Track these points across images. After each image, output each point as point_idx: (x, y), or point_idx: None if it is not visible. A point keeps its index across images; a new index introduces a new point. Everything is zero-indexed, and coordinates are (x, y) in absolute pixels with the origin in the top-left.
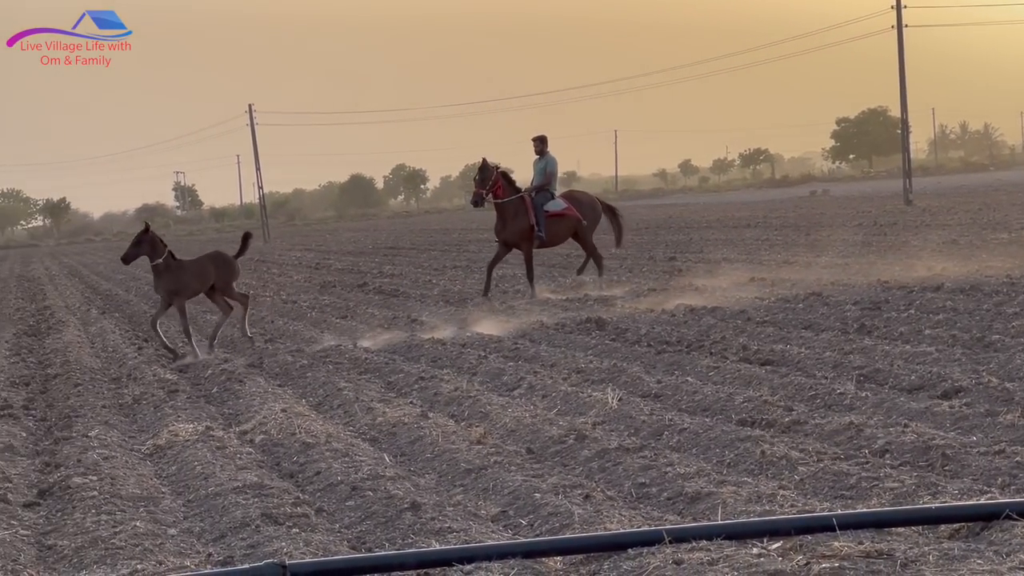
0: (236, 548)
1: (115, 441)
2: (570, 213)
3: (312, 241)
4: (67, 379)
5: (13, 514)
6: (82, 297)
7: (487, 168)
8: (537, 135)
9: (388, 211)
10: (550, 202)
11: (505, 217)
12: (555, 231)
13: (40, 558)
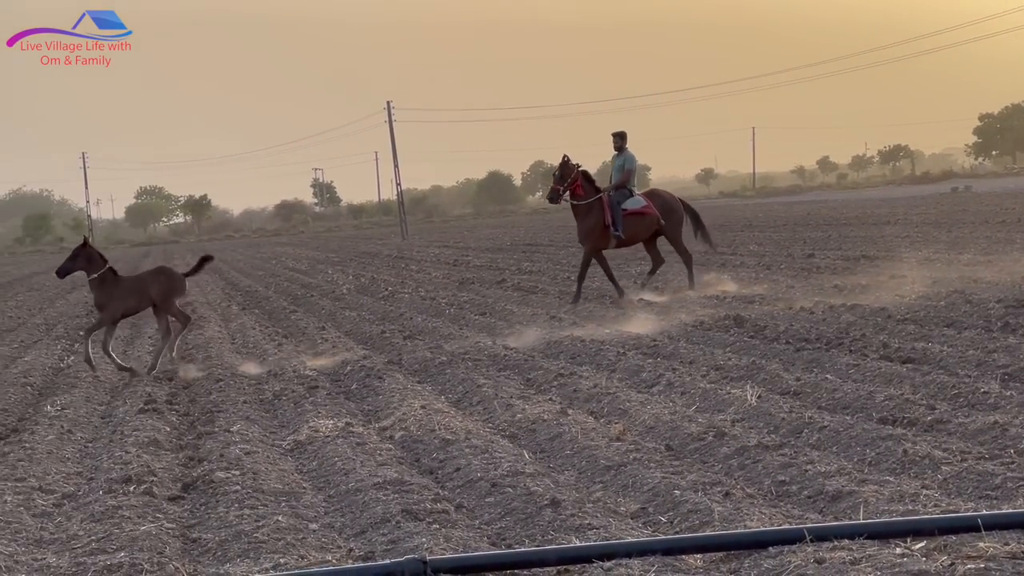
0: (377, 544)
1: (256, 436)
2: (649, 211)
3: (450, 238)
4: (209, 375)
5: (158, 507)
6: (223, 293)
7: (567, 166)
8: (616, 131)
9: (526, 208)
10: (629, 200)
11: (579, 215)
12: (633, 230)
13: (185, 551)
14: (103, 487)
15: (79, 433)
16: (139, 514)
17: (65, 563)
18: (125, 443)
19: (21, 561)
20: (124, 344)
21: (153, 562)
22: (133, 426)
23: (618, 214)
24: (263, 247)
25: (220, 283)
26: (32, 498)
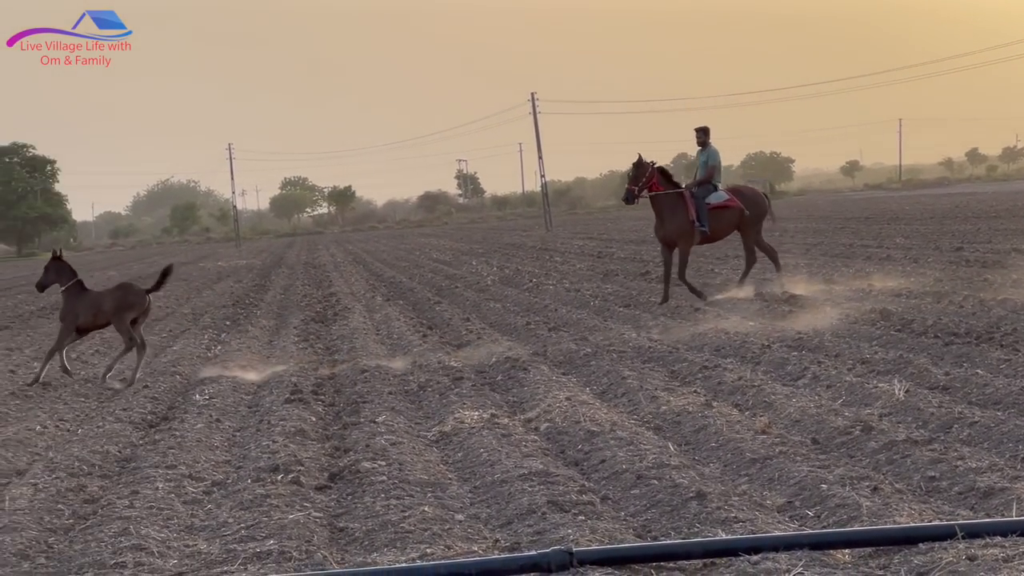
0: (523, 534)
1: (402, 427)
2: (733, 204)
3: (594, 230)
4: (354, 365)
5: (306, 496)
6: (367, 284)
7: (642, 165)
8: (699, 126)
9: None
10: (712, 194)
11: (662, 214)
12: (718, 224)
13: (332, 540)
14: (251, 475)
15: (227, 422)
16: (287, 503)
17: (216, 550)
18: (272, 432)
19: (173, 547)
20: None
21: (301, 550)
22: (280, 416)
23: (703, 209)
24: (407, 238)
25: (364, 274)
26: (183, 485)
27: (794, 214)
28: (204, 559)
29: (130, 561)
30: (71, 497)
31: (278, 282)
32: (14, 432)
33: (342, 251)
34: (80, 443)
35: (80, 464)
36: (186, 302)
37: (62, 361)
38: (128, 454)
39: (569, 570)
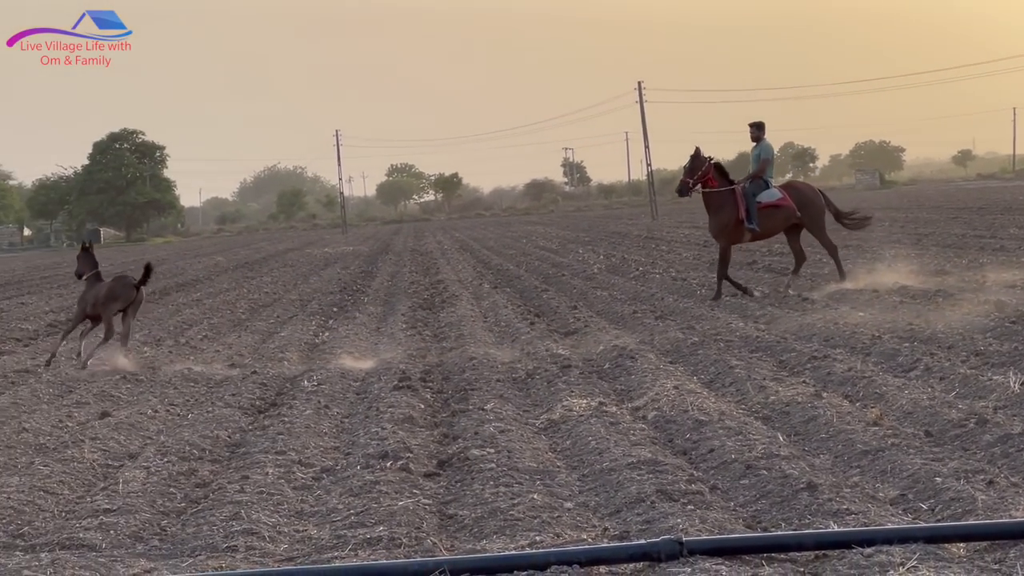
0: (632, 523)
1: (510, 415)
2: (784, 204)
3: (700, 218)
4: (462, 352)
5: (415, 483)
6: (474, 271)
7: (698, 158)
8: (753, 121)
9: None
10: (764, 192)
11: (712, 210)
12: (769, 223)
13: (441, 527)
14: (360, 462)
15: (335, 408)
16: (396, 489)
17: (326, 535)
18: (381, 419)
19: (284, 532)
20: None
21: (411, 537)
22: (388, 403)
23: (752, 207)
24: (513, 225)
25: (471, 261)
26: (292, 471)
27: (905, 204)
28: (314, 544)
29: (241, 545)
30: (183, 481)
31: (385, 269)
32: (126, 416)
33: (449, 238)
34: (191, 428)
35: (191, 448)
36: (293, 288)
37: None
38: (238, 439)
39: (679, 560)
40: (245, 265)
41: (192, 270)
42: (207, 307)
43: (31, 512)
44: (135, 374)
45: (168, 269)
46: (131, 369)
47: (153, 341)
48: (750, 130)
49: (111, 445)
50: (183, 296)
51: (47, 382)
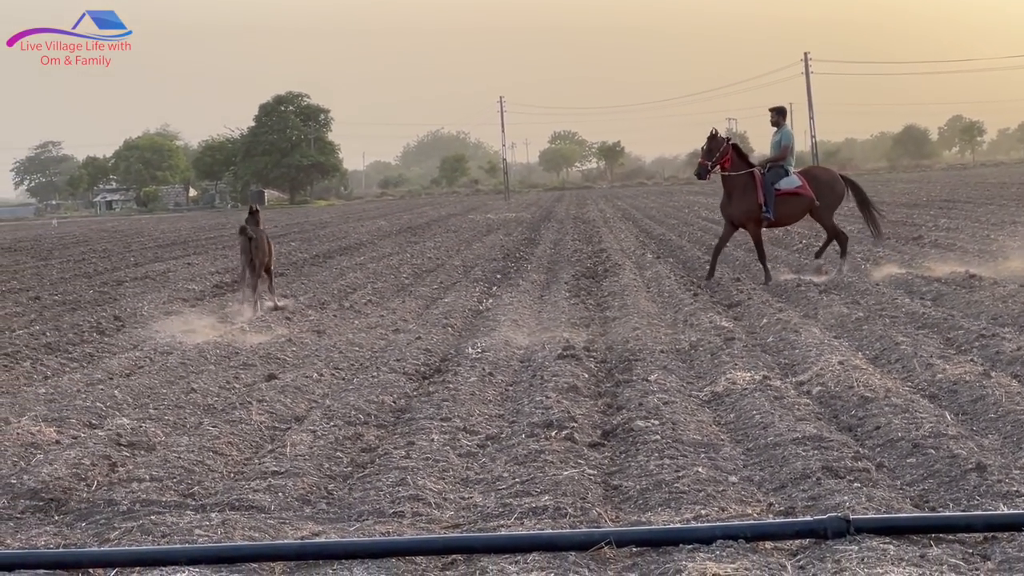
0: (797, 499)
1: (674, 386)
2: (804, 192)
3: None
4: (625, 323)
5: (580, 453)
6: (636, 241)
7: (716, 139)
8: (774, 106)
9: (942, 163)
10: (783, 179)
11: (732, 193)
12: (785, 211)
13: (606, 497)
14: (525, 431)
15: (499, 376)
16: (561, 459)
17: (491, 503)
18: (545, 388)
19: (449, 499)
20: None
21: (576, 507)
22: (552, 372)
23: (770, 194)
24: (675, 195)
25: (634, 230)
26: (457, 438)
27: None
28: (480, 512)
29: (408, 511)
30: (349, 445)
31: (547, 236)
32: (292, 379)
33: (611, 206)
34: (356, 392)
35: (356, 413)
36: (456, 254)
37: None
38: (403, 405)
39: (846, 538)
40: (408, 230)
41: (355, 234)
42: (370, 271)
43: (201, 472)
44: (300, 336)
45: (331, 232)
46: None
47: (318, 304)
48: (771, 115)
49: (278, 408)
50: (347, 260)
51: (214, 344)
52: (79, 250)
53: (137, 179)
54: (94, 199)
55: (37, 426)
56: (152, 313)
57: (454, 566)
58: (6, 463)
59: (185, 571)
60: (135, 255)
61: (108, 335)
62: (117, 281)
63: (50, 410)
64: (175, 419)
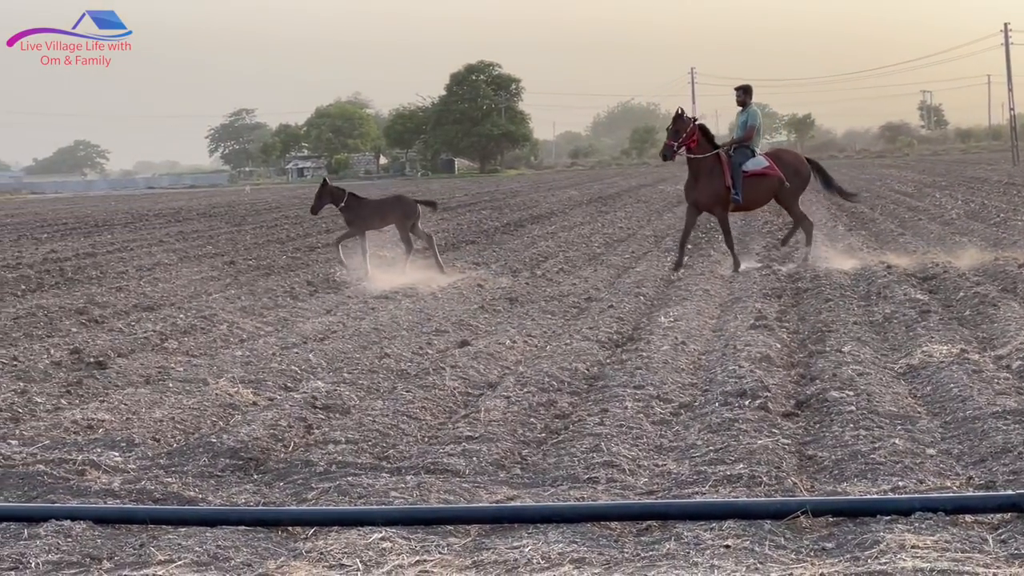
0: (997, 473)
1: (868, 358)
2: (771, 173)
3: None
4: (817, 294)
5: (773, 423)
6: (827, 212)
7: (682, 119)
8: (739, 85)
9: None
10: (750, 160)
11: (698, 175)
12: (753, 194)
13: (800, 467)
14: (719, 399)
15: (692, 345)
16: (755, 428)
17: (685, 470)
18: (738, 358)
19: (643, 466)
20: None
21: (771, 476)
22: (745, 341)
23: (738, 176)
24: (867, 168)
25: (824, 202)
26: (651, 406)
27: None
28: (674, 479)
29: (602, 477)
30: (542, 412)
31: None
32: (484, 345)
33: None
34: (549, 359)
35: (550, 380)
36: (647, 224)
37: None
38: (596, 372)
39: None
40: (598, 200)
41: (546, 203)
42: (562, 240)
43: (395, 436)
44: (492, 303)
45: (522, 201)
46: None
47: (509, 272)
48: (736, 94)
49: (471, 374)
50: (538, 228)
51: (407, 309)
52: (271, 216)
53: (328, 147)
54: (286, 166)
55: (235, 387)
56: (345, 279)
57: (648, 532)
58: (206, 422)
59: (382, 531)
60: (326, 222)
61: (302, 300)
62: (309, 247)
63: (247, 372)
64: (369, 383)
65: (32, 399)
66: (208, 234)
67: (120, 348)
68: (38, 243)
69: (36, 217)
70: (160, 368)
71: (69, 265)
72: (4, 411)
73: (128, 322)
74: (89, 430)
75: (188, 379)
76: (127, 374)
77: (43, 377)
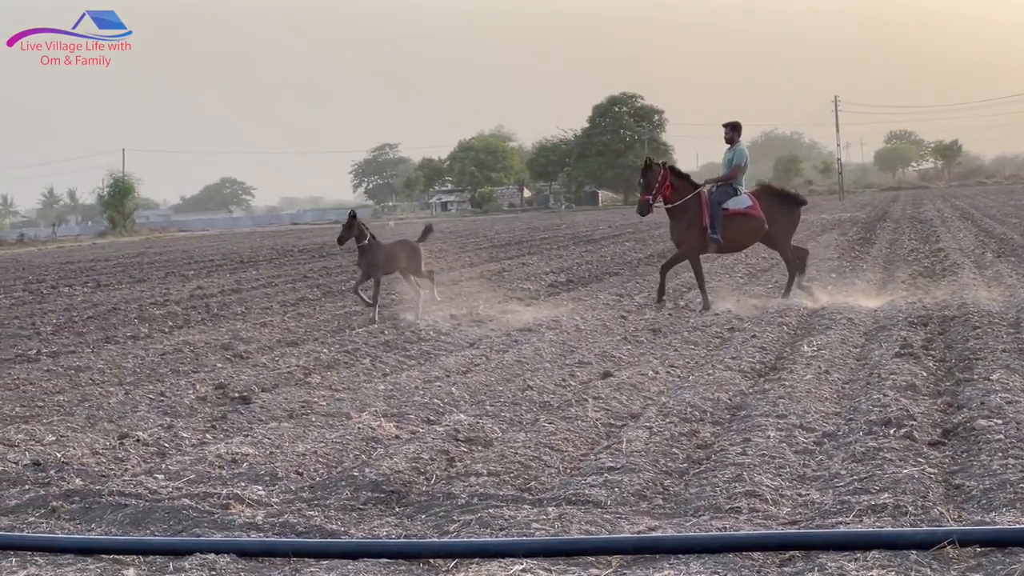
0: None
1: (1017, 386)
2: (754, 213)
3: None
4: (964, 322)
5: (919, 452)
6: (975, 240)
7: (651, 170)
8: (728, 121)
9: None
10: (732, 199)
11: (675, 217)
12: (735, 234)
13: (947, 496)
14: (862, 428)
15: (835, 374)
16: (900, 457)
17: (828, 500)
18: (882, 386)
19: (786, 495)
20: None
21: (917, 505)
22: (889, 369)
23: (717, 215)
24: (1017, 194)
25: (973, 230)
26: (793, 435)
27: None
28: (817, 508)
29: (744, 507)
30: (684, 441)
31: (883, 236)
32: (627, 376)
33: (948, 206)
34: (691, 389)
35: (692, 410)
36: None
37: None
38: (738, 402)
39: None
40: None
41: None
42: (704, 271)
43: (537, 467)
44: (635, 334)
45: (665, 232)
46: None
47: (652, 303)
48: (724, 131)
49: (613, 404)
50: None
51: (549, 341)
52: None
53: (471, 180)
54: (429, 200)
55: (377, 421)
56: (488, 312)
57: (792, 563)
58: (348, 456)
59: (523, 563)
60: (470, 255)
61: (445, 333)
62: (453, 281)
63: (389, 406)
64: (511, 415)
65: (178, 434)
66: (352, 269)
67: (264, 383)
68: (185, 280)
69: (183, 254)
70: (303, 402)
71: (215, 301)
72: (151, 445)
73: (272, 357)
74: (233, 464)
75: (331, 413)
76: (271, 408)
77: (189, 412)
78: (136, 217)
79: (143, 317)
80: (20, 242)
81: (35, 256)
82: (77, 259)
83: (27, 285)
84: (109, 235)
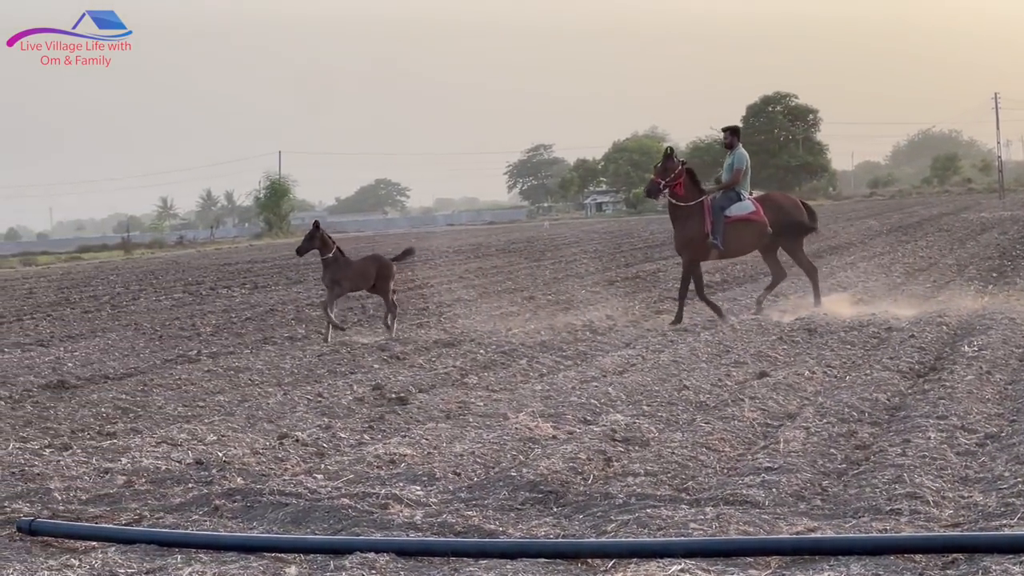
0: None
1: None
2: (756, 219)
3: None
4: None
5: None
6: None
7: (671, 160)
8: (728, 125)
9: None
10: (734, 205)
11: (676, 221)
12: (736, 241)
13: None
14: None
15: (998, 374)
16: None
17: (992, 502)
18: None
19: (947, 497)
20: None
21: None
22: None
23: (719, 220)
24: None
25: None
26: (955, 436)
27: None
28: (980, 511)
29: (905, 508)
30: (842, 442)
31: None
32: (783, 376)
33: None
34: (848, 390)
35: (850, 410)
36: (949, 253)
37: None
38: (897, 403)
39: None
40: (899, 229)
41: (845, 233)
42: (861, 270)
43: (694, 467)
44: (791, 334)
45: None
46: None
47: (806, 302)
48: (724, 136)
49: (770, 404)
50: (836, 259)
51: (705, 341)
52: (570, 251)
53: (626, 181)
54: (584, 201)
55: (534, 421)
56: (643, 312)
57: (955, 565)
58: (506, 456)
59: (681, 563)
60: (625, 256)
61: (601, 333)
62: (608, 281)
63: (546, 406)
64: (668, 415)
65: (336, 434)
66: (507, 269)
67: (421, 384)
68: None
69: None
70: (460, 403)
71: (371, 303)
72: (310, 446)
73: (429, 358)
74: (391, 464)
75: (488, 414)
76: (428, 409)
77: (347, 413)
78: (292, 219)
79: (300, 318)
80: (179, 244)
81: (194, 258)
82: (235, 261)
83: (187, 287)
84: (265, 237)
